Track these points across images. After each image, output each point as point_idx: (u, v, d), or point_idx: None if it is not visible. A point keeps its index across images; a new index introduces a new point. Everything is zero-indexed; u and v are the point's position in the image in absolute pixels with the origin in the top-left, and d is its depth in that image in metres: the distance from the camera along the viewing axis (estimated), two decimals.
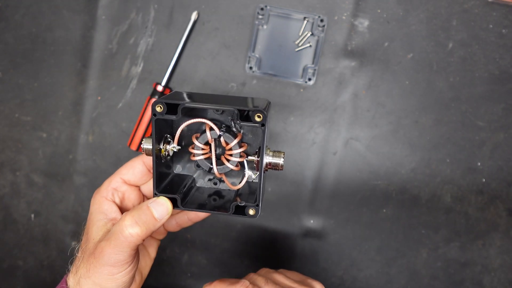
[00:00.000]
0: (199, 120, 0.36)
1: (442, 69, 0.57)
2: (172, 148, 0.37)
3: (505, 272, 0.60)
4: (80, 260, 0.37)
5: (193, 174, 0.42)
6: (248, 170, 0.37)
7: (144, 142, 0.37)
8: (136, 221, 0.35)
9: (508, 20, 0.56)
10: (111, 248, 0.35)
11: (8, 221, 0.60)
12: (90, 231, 0.38)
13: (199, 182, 0.42)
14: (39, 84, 0.58)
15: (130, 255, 0.35)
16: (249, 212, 0.36)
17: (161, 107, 0.34)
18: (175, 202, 0.36)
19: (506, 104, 0.57)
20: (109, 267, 0.35)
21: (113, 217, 0.39)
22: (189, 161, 0.42)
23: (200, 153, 0.38)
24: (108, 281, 0.35)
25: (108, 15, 0.57)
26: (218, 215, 0.48)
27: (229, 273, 0.60)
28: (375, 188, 0.58)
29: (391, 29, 0.56)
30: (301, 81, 0.56)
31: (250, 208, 0.36)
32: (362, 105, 0.57)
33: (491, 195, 0.58)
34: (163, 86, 0.55)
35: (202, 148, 0.38)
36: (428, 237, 0.59)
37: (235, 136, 0.38)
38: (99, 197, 0.40)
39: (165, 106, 0.34)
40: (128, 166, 0.42)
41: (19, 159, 0.59)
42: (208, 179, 0.42)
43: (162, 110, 0.34)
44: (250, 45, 0.55)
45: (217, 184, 0.42)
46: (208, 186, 0.42)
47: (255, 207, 0.36)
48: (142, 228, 0.35)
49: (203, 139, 0.38)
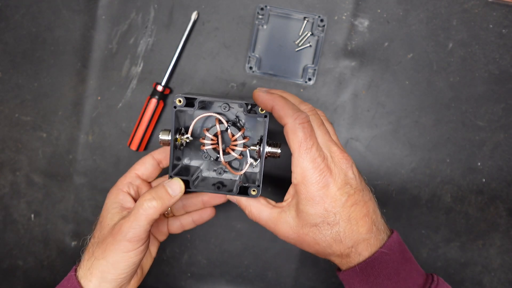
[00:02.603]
0: (211, 114, 0.44)
1: (442, 69, 0.57)
2: (186, 138, 0.43)
3: (505, 272, 0.60)
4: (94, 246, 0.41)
5: (200, 166, 0.47)
6: (250, 158, 0.44)
7: (161, 134, 0.43)
8: (153, 196, 0.39)
9: (508, 20, 0.56)
10: (130, 222, 0.39)
11: (8, 221, 0.60)
12: (105, 219, 0.42)
13: (204, 173, 0.47)
14: (39, 84, 0.58)
15: (146, 230, 0.39)
16: (251, 192, 0.41)
17: (180, 100, 0.40)
18: (187, 184, 0.41)
19: (506, 104, 0.57)
20: (126, 242, 0.38)
21: (128, 206, 0.43)
22: (197, 155, 0.47)
23: (209, 143, 0.44)
24: (122, 259, 0.39)
25: (108, 15, 0.57)
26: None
27: (229, 273, 0.60)
28: (375, 188, 0.58)
29: (391, 29, 0.56)
30: (301, 81, 0.56)
31: (252, 189, 0.41)
32: (362, 105, 0.57)
33: (491, 195, 0.58)
34: (163, 86, 0.55)
35: (211, 138, 0.44)
36: (428, 237, 0.59)
37: (240, 129, 0.44)
38: (115, 190, 0.45)
39: (185, 99, 0.40)
40: (140, 162, 0.47)
41: (19, 159, 0.59)
42: (213, 170, 0.47)
43: (181, 103, 0.40)
44: (250, 45, 0.55)
45: (221, 174, 0.47)
46: (212, 176, 0.47)
47: (256, 187, 0.41)
48: (159, 202, 0.39)
49: (212, 131, 0.44)
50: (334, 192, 0.37)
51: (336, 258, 0.40)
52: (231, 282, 0.61)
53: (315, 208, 0.38)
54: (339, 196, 0.38)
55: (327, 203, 0.37)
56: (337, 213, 0.38)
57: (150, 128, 0.56)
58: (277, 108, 0.38)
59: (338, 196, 0.38)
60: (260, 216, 0.42)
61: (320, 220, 0.38)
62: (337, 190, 0.38)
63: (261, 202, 0.42)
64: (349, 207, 0.38)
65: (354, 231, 0.38)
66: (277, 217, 0.41)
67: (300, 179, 0.38)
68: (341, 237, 0.38)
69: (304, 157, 0.37)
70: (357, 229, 0.38)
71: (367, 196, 0.40)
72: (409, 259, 0.40)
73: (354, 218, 0.38)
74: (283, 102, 0.38)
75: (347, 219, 0.38)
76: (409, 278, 0.39)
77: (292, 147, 0.38)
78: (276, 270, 0.60)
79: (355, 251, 0.39)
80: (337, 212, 0.38)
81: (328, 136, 0.40)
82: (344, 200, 0.38)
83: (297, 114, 0.37)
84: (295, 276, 0.60)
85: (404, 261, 0.39)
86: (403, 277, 0.38)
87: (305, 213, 0.38)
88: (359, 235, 0.38)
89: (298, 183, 0.38)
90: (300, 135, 0.37)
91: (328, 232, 0.38)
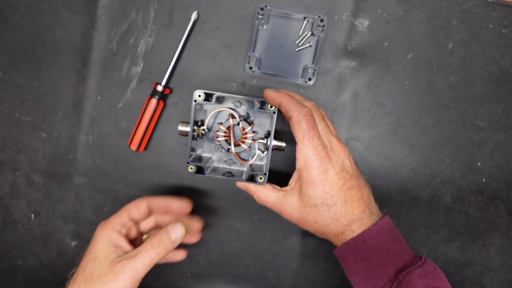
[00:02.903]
0: (225, 109, 0.49)
1: (442, 69, 0.57)
2: (202, 129, 0.48)
3: (505, 272, 0.60)
4: (87, 281, 0.43)
5: (212, 157, 0.51)
6: (257, 149, 0.49)
7: (180, 125, 0.47)
8: (159, 244, 0.44)
9: (508, 20, 0.56)
10: (135, 264, 0.42)
11: (8, 221, 0.60)
12: (100, 255, 0.44)
13: (216, 163, 0.52)
14: (39, 84, 0.58)
15: (146, 272, 0.43)
16: (258, 179, 0.46)
17: (200, 95, 0.45)
18: (202, 171, 0.46)
19: (506, 104, 0.57)
20: (128, 282, 0.42)
21: (122, 245, 0.46)
22: (209, 147, 0.52)
23: (222, 135, 0.49)
24: None
25: (108, 15, 0.57)
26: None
27: (229, 273, 0.60)
28: (375, 188, 0.58)
29: (391, 29, 0.56)
30: (301, 81, 0.56)
31: (259, 176, 0.46)
32: (362, 105, 0.57)
33: (491, 195, 0.58)
34: (163, 86, 0.55)
35: (224, 131, 0.49)
36: (428, 237, 0.59)
37: (250, 124, 0.49)
38: (108, 227, 0.47)
39: (204, 94, 0.45)
40: (134, 205, 0.49)
41: (19, 159, 0.59)
42: (223, 161, 0.51)
43: (201, 98, 0.45)
44: (250, 45, 0.55)
45: (230, 164, 0.51)
46: (222, 166, 0.51)
47: (263, 175, 0.46)
48: (163, 249, 0.44)
49: (225, 125, 0.49)
50: (332, 177, 0.42)
51: (332, 237, 0.45)
52: (231, 282, 0.61)
53: (315, 190, 0.42)
54: (336, 180, 0.42)
55: (326, 186, 0.42)
56: (335, 195, 0.42)
57: (150, 128, 0.56)
58: (284, 103, 0.43)
59: (336, 180, 0.42)
60: (267, 199, 0.46)
61: (320, 201, 0.43)
62: (335, 175, 0.42)
63: (268, 188, 0.47)
64: (346, 190, 0.43)
65: (349, 211, 0.43)
66: (282, 199, 0.45)
67: (303, 164, 0.42)
68: (337, 217, 0.43)
69: (307, 145, 0.41)
70: (352, 210, 0.43)
71: (362, 182, 0.45)
72: (399, 240, 0.44)
73: (350, 200, 0.43)
74: (289, 98, 0.43)
75: (343, 201, 0.43)
76: (397, 254, 0.43)
77: (297, 137, 0.42)
78: (276, 270, 0.60)
79: (349, 228, 0.43)
80: (335, 194, 0.42)
81: (328, 129, 0.45)
82: (341, 184, 0.42)
83: (302, 108, 0.42)
84: (295, 276, 0.60)
85: (393, 240, 0.43)
86: (392, 253, 0.42)
87: (307, 195, 0.43)
88: (354, 215, 0.43)
89: (301, 168, 0.42)
90: (304, 126, 0.41)
91: (326, 212, 0.43)
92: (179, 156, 0.59)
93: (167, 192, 0.59)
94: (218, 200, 0.59)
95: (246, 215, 0.60)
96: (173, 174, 0.59)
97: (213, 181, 0.59)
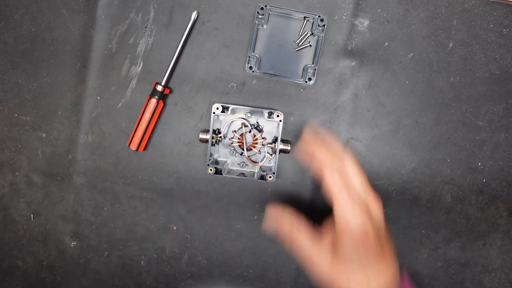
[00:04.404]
0: (239, 118, 0.56)
1: (443, 69, 0.57)
2: (219, 137, 0.56)
3: (505, 272, 0.60)
4: None
5: (227, 160, 0.57)
6: (267, 153, 0.56)
7: (201, 134, 0.55)
8: None
9: (508, 20, 0.56)
10: None
11: (8, 221, 0.60)
12: None
13: (230, 166, 0.58)
14: (39, 84, 0.58)
15: None
16: (268, 177, 0.54)
17: (218, 108, 0.53)
18: (220, 172, 0.54)
19: (506, 104, 0.57)
20: None
21: None
22: (225, 152, 0.58)
23: (236, 141, 0.57)
24: None
25: (108, 15, 0.57)
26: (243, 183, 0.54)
27: (229, 273, 0.60)
28: (375, 188, 0.58)
29: (391, 29, 0.56)
30: (301, 81, 0.56)
31: (269, 175, 0.54)
32: (362, 105, 0.57)
33: (491, 195, 0.58)
34: (162, 86, 0.55)
35: (238, 138, 0.57)
36: (429, 237, 0.59)
37: (260, 131, 0.57)
38: None
39: (221, 107, 0.53)
40: None
41: (18, 159, 0.59)
42: (237, 164, 0.58)
43: (218, 110, 0.53)
44: (250, 45, 0.55)
45: (243, 167, 0.57)
46: (236, 168, 0.57)
47: (272, 174, 0.54)
48: None
49: (239, 132, 0.57)
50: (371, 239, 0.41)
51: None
52: (231, 282, 0.61)
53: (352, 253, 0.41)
54: (373, 242, 0.41)
55: (362, 249, 0.41)
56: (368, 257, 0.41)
57: (150, 128, 0.56)
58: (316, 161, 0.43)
59: (372, 242, 0.41)
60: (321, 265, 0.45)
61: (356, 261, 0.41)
62: (373, 239, 0.41)
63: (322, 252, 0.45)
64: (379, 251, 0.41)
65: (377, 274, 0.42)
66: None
67: (343, 227, 0.41)
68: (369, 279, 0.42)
69: (344, 205, 0.40)
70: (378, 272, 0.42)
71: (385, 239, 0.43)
72: None
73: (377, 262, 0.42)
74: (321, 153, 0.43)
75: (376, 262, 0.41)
76: None
77: (332, 197, 0.41)
78: (276, 270, 0.60)
79: None
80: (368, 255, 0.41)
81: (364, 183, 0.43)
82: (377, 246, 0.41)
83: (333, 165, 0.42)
84: (295, 276, 0.60)
85: None
86: None
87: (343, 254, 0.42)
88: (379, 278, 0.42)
89: (340, 231, 0.41)
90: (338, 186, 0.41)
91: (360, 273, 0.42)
92: (179, 156, 0.58)
93: (167, 192, 0.59)
94: (218, 200, 0.59)
95: (246, 215, 0.60)
96: (173, 174, 0.59)
97: (213, 181, 0.59)
